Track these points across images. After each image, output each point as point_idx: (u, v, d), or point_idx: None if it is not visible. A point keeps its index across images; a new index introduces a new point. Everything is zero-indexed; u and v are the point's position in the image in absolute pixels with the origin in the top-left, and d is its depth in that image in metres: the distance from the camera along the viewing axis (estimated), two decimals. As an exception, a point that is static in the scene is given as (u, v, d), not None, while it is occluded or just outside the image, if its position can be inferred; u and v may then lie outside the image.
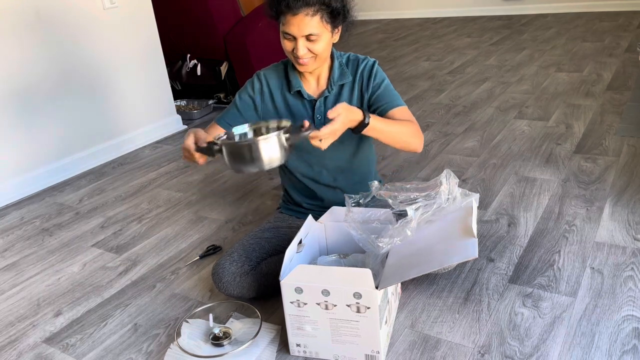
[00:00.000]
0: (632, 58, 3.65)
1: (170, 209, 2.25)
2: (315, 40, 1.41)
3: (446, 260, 1.23)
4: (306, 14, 1.37)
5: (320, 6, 1.38)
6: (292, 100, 1.58)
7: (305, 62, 1.45)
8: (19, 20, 2.44)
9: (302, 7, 1.36)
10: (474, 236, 1.26)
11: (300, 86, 1.55)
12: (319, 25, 1.40)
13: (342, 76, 1.55)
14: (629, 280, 1.51)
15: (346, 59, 1.58)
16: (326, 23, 1.41)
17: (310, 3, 1.37)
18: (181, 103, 3.61)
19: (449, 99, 3.26)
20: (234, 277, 1.50)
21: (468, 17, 5.95)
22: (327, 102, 1.56)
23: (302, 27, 1.38)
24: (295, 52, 1.42)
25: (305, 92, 1.56)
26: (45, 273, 1.86)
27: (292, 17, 1.38)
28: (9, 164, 2.48)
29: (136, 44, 2.96)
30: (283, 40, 1.44)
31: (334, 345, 1.31)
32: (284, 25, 1.41)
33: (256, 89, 1.59)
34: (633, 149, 2.31)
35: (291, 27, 1.39)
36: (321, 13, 1.39)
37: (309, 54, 1.43)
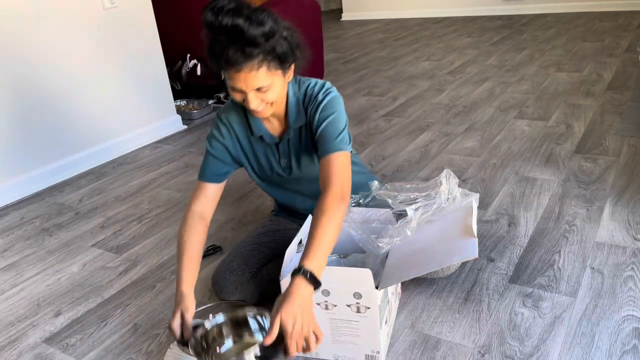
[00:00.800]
0: (632, 58, 3.65)
1: (171, 209, 2.25)
2: (267, 90, 1.25)
3: (446, 260, 1.23)
4: (250, 69, 1.19)
5: (264, 56, 1.20)
6: (257, 145, 1.47)
7: (260, 111, 1.30)
8: (19, 20, 2.44)
9: (244, 62, 1.18)
10: (474, 236, 1.26)
11: (261, 130, 1.42)
12: (267, 76, 1.22)
13: (299, 118, 1.40)
14: (629, 280, 1.51)
15: (303, 94, 1.40)
16: (275, 70, 1.24)
17: (253, 56, 1.18)
18: (181, 103, 3.61)
19: (449, 98, 3.26)
20: (235, 287, 1.49)
21: (468, 17, 5.95)
22: (291, 145, 1.45)
23: (249, 83, 1.22)
24: (247, 105, 1.27)
25: (268, 135, 1.43)
26: (45, 273, 1.86)
27: (237, 74, 1.20)
28: (9, 164, 2.48)
29: (136, 43, 2.96)
30: (232, 93, 1.26)
31: (334, 345, 1.31)
32: (230, 80, 1.23)
33: (224, 134, 1.44)
34: (633, 149, 2.30)
35: (238, 83, 1.22)
36: (267, 63, 1.21)
37: (262, 103, 1.28)
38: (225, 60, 1.19)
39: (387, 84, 3.72)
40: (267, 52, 1.20)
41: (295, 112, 1.40)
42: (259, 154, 1.49)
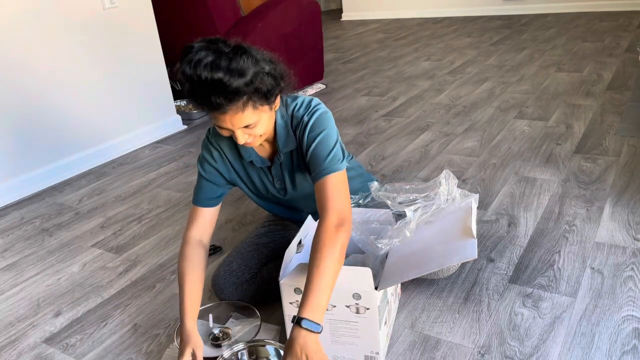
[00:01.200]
0: (632, 58, 3.65)
1: (170, 208, 2.25)
2: (254, 126, 1.21)
3: (446, 260, 1.23)
4: (235, 111, 1.15)
5: (248, 98, 1.15)
6: (251, 170, 1.45)
7: (250, 143, 1.26)
8: (19, 20, 2.44)
9: (228, 106, 1.13)
10: (474, 237, 1.26)
11: (252, 156, 1.39)
12: (254, 114, 1.18)
13: (288, 142, 1.35)
14: (629, 281, 1.51)
15: (290, 116, 1.35)
16: (261, 106, 1.19)
17: (237, 100, 1.13)
18: (181, 103, 3.61)
19: (449, 98, 3.26)
20: (235, 288, 1.49)
21: (468, 17, 5.95)
22: (283, 167, 1.43)
23: (236, 123, 1.17)
24: (236, 140, 1.22)
25: (259, 160, 1.40)
26: (45, 273, 1.86)
27: (222, 115, 1.16)
28: (9, 164, 2.48)
29: (136, 43, 2.95)
30: (217, 129, 1.22)
31: (333, 346, 1.31)
32: (215, 120, 1.18)
33: (216, 157, 1.40)
34: (633, 149, 2.30)
35: (224, 123, 1.18)
36: (252, 102, 1.16)
37: (250, 137, 1.24)
38: (208, 106, 1.14)
39: (387, 84, 3.72)
40: (251, 93, 1.15)
41: (284, 135, 1.35)
42: (253, 176, 1.46)
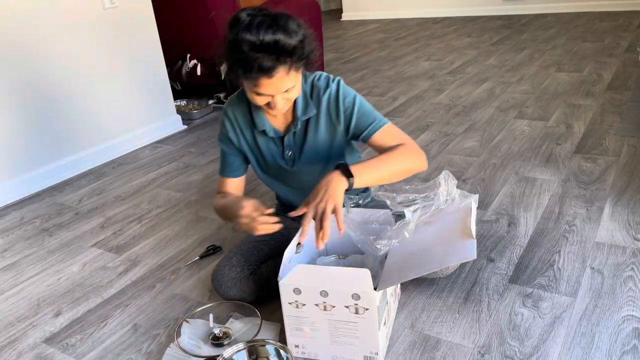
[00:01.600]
0: (632, 58, 3.65)
1: (170, 209, 2.25)
2: (291, 90, 1.31)
3: (445, 261, 1.23)
4: (283, 73, 1.25)
5: (293, 61, 1.25)
6: (261, 139, 1.51)
7: (281, 110, 1.35)
8: (18, 20, 2.44)
9: (277, 69, 1.23)
10: (473, 237, 1.26)
11: (265, 125, 1.46)
12: (294, 77, 1.29)
13: (307, 110, 1.44)
14: (629, 281, 1.51)
15: (310, 86, 1.45)
16: (299, 70, 1.30)
17: (285, 62, 1.24)
18: (181, 103, 3.61)
19: (449, 98, 3.26)
20: (234, 283, 1.50)
21: (468, 17, 5.95)
22: (296, 137, 1.49)
23: (280, 86, 1.27)
24: (273, 107, 1.32)
25: (272, 130, 1.47)
26: (45, 273, 1.86)
27: (268, 80, 1.25)
28: (9, 164, 2.48)
29: (136, 43, 2.95)
30: (254, 97, 1.31)
31: (332, 347, 1.31)
32: (257, 87, 1.27)
33: (229, 129, 1.51)
34: (633, 149, 2.30)
35: (267, 88, 1.27)
36: (295, 65, 1.27)
37: (285, 102, 1.34)
38: (258, 69, 1.22)
39: (387, 84, 3.72)
40: (298, 56, 1.26)
41: (303, 104, 1.44)
42: (262, 147, 1.53)
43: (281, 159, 1.53)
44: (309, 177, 1.56)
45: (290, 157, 1.52)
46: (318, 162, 1.53)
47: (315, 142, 1.49)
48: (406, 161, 1.35)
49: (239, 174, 1.58)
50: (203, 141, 3.02)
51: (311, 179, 1.56)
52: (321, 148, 1.50)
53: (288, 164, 1.53)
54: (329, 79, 1.45)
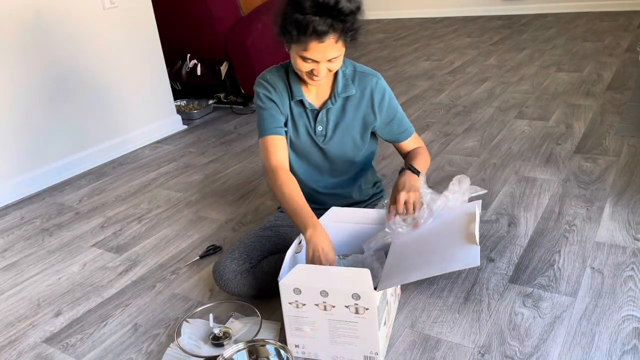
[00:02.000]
0: (633, 58, 3.65)
1: (170, 208, 2.25)
2: (335, 60, 1.40)
3: (447, 266, 1.23)
4: (332, 40, 1.34)
5: (343, 30, 1.35)
6: (296, 110, 1.55)
7: (320, 79, 1.43)
8: (19, 20, 2.44)
9: (329, 34, 1.32)
10: (476, 243, 1.26)
11: (302, 95, 1.52)
12: (341, 47, 1.38)
13: (346, 88, 1.53)
14: (629, 280, 1.51)
15: (351, 70, 1.55)
16: (345, 43, 1.39)
17: (337, 29, 1.33)
18: (181, 103, 3.61)
19: (449, 98, 3.26)
20: (234, 275, 1.50)
21: (468, 17, 5.94)
22: (330, 113, 1.55)
23: (327, 53, 1.36)
24: (316, 73, 1.40)
25: (307, 102, 1.53)
26: (45, 273, 1.86)
27: (318, 44, 1.33)
28: (9, 164, 2.48)
29: (136, 43, 2.95)
30: (299, 62, 1.39)
31: (332, 346, 1.31)
32: (306, 51, 1.35)
33: (272, 91, 1.53)
34: (633, 149, 2.30)
35: (315, 53, 1.35)
36: (344, 36, 1.36)
37: (326, 72, 1.42)
38: (313, 32, 1.30)
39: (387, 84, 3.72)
40: (349, 26, 1.35)
41: (343, 82, 1.53)
42: (296, 118, 1.56)
43: (313, 133, 1.57)
44: (332, 160, 1.61)
45: (321, 132, 1.56)
46: (347, 143, 1.58)
47: (352, 122, 1.56)
48: (428, 162, 1.63)
49: (281, 131, 1.53)
50: (203, 141, 3.02)
51: (334, 163, 1.62)
52: (354, 129, 1.57)
53: (319, 138, 1.57)
54: (374, 72, 1.57)
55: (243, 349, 1.29)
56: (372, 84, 1.55)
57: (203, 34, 3.36)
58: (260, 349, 1.30)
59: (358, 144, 1.60)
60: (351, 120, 1.56)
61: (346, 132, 1.56)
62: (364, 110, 1.56)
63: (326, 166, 1.63)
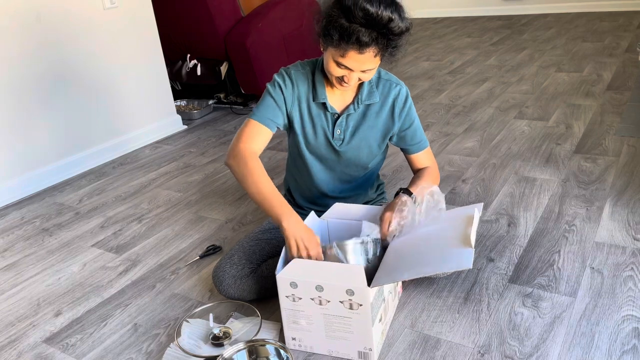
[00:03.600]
0: (632, 58, 3.65)
1: (170, 209, 2.25)
2: (369, 72, 1.39)
3: (440, 267, 1.24)
4: (371, 53, 1.32)
5: (384, 46, 1.33)
6: (315, 110, 1.53)
7: (350, 87, 1.42)
8: (19, 20, 2.44)
9: (370, 47, 1.30)
10: (471, 246, 1.26)
11: (326, 98, 1.50)
12: (377, 61, 1.37)
13: (370, 96, 1.52)
14: (628, 280, 1.51)
15: (376, 77, 1.54)
16: (383, 57, 1.38)
17: (379, 43, 1.31)
18: (181, 103, 3.61)
19: (449, 98, 3.26)
20: (234, 280, 1.50)
21: (468, 17, 5.95)
22: (350, 119, 1.53)
23: (363, 64, 1.34)
24: (347, 81, 1.39)
25: (330, 105, 1.51)
26: (45, 273, 1.86)
27: (357, 54, 1.32)
28: (9, 164, 2.48)
29: (136, 44, 2.96)
30: (332, 66, 1.37)
31: (328, 341, 1.32)
32: (343, 58, 1.33)
33: (288, 86, 1.50)
34: (633, 149, 2.31)
35: (352, 62, 1.34)
36: (382, 51, 1.35)
37: (357, 81, 1.41)
38: (355, 41, 1.28)
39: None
40: (392, 43, 1.34)
41: (368, 89, 1.52)
42: (315, 118, 1.54)
43: (330, 136, 1.55)
44: (346, 165, 1.60)
45: (339, 136, 1.55)
46: (363, 149, 1.57)
47: (371, 129, 1.55)
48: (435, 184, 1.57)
49: (273, 127, 1.50)
50: (203, 141, 3.02)
51: (347, 167, 1.61)
52: (372, 137, 1.56)
53: (336, 142, 1.56)
54: (398, 82, 1.56)
55: (243, 349, 1.29)
56: (395, 92, 1.54)
57: (203, 34, 3.36)
58: (260, 349, 1.30)
59: (374, 151, 1.59)
60: (371, 128, 1.55)
61: (364, 138, 1.55)
62: (385, 118, 1.55)
63: (339, 169, 1.61)
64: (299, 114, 1.54)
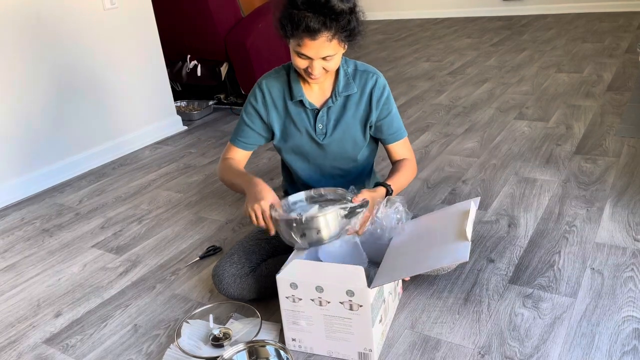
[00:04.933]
0: (632, 59, 3.65)
1: (171, 209, 2.25)
2: (331, 59, 1.40)
3: (437, 262, 1.24)
4: (326, 38, 1.34)
5: (338, 29, 1.35)
6: (294, 109, 1.56)
7: (317, 77, 1.44)
8: (20, 21, 2.44)
9: (321, 32, 1.33)
10: (467, 240, 1.26)
11: (302, 95, 1.53)
12: (336, 46, 1.38)
13: (347, 87, 1.54)
14: (629, 281, 1.51)
15: (352, 68, 1.56)
16: (341, 42, 1.39)
17: (331, 28, 1.33)
18: (181, 104, 3.61)
19: (449, 99, 3.26)
20: (234, 279, 1.50)
21: (468, 17, 5.95)
22: (331, 112, 1.56)
23: (321, 51, 1.36)
24: (310, 70, 1.41)
25: (307, 101, 1.54)
26: (45, 274, 1.86)
27: (311, 42, 1.34)
28: (9, 165, 2.48)
29: (136, 44, 2.96)
30: (295, 58, 1.41)
31: (328, 342, 1.32)
32: (300, 47, 1.37)
33: (259, 100, 1.56)
34: (633, 150, 2.31)
35: (308, 50, 1.36)
36: (339, 35, 1.36)
37: (323, 71, 1.43)
38: (305, 29, 1.32)
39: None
40: (342, 26, 1.35)
41: (345, 81, 1.53)
42: (295, 117, 1.57)
43: (312, 131, 1.57)
44: (332, 159, 1.61)
45: (321, 130, 1.56)
46: (348, 141, 1.58)
47: (352, 120, 1.56)
48: (410, 178, 1.62)
49: (249, 148, 1.62)
50: (203, 142, 3.02)
51: (334, 161, 1.62)
52: (354, 127, 1.57)
53: (319, 137, 1.57)
54: (374, 70, 1.57)
55: (243, 350, 1.29)
56: (372, 82, 1.55)
57: (203, 35, 3.36)
58: (260, 350, 1.30)
59: (359, 142, 1.60)
60: (351, 118, 1.56)
61: (346, 130, 1.57)
62: (364, 107, 1.56)
63: (327, 165, 1.63)
64: (277, 118, 1.58)
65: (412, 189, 2.18)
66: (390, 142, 1.62)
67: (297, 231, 1.31)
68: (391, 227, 1.45)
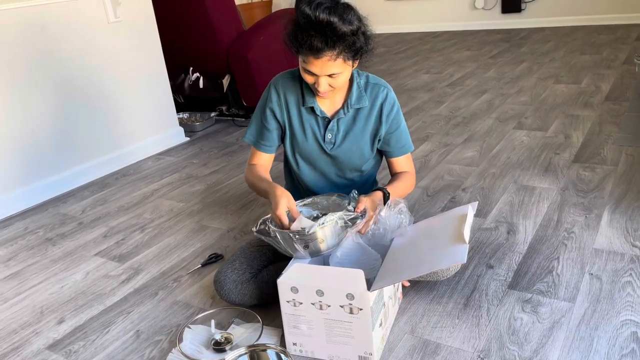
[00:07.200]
0: (630, 70, 3.69)
1: (173, 218, 2.27)
2: (337, 77, 1.41)
3: (435, 264, 1.26)
4: (329, 58, 1.35)
5: (343, 49, 1.36)
6: (306, 115, 1.58)
7: (324, 93, 1.45)
8: (25, 34, 2.48)
9: (325, 51, 1.34)
10: (465, 242, 1.28)
11: (314, 103, 1.55)
12: (342, 65, 1.39)
13: (359, 100, 1.56)
14: (627, 286, 1.52)
15: (364, 81, 1.57)
16: (348, 61, 1.40)
17: (334, 47, 1.34)
18: (184, 115, 3.65)
19: (449, 110, 3.29)
20: (235, 285, 1.52)
21: (467, 30, 6.00)
22: (341, 123, 1.58)
23: (325, 69, 1.38)
24: (317, 87, 1.43)
25: (319, 109, 1.55)
26: (48, 281, 1.88)
27: (315, 60, 1.36)
28: (13, 175, 2.50)
29: (140, 57, 3.00)
30: (303, 74, 1.43)
31: (329, 345, 1.33)
32: (306, 64, 1.39)
33: (274, 100, 1.58)
34: (631, 158, 2.32)
35: (313, 67, 1.38)
36: (344, 54, 1.37)
37: (329, 87, 1.44)
38: (309, 47, 1.34)
39: (388, 96, 3.75)
40: (347, 46, 1.36)
41: (357, 94, 1.56)
42: (305, 123, 1.59)
43: (321, 139, 1.59)
44: (338, 168, 1.63)
45: (330, 140, 1.59)
46: (355, 152, 1.60)
47: (361, 132, 1.58)
48: (409, 189, 1.66)
49: (272, 150, 1.65)
50: (205, 153, 3.04)
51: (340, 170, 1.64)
52: (363, 140, 1.59)
53: (327, 145, 1.59)
54: (386, 84, 1.60)
55: (244, 354, 1.30)
56: (383, 95, 1.57)
57: (205, 48, 3.40)
58: (261, 354, 1.31)
59: (366, 154, 1.62)
60: (361, 131, 1.58)
61: (355, 141, 1.59)
62: (374, 121, 1.58)
63: (333, 173, 1.65)
64: (288, 119, 1.60)
65: (412, 196, 2.20)
66: (396, 156, 1.64)
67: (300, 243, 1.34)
68: (394, 228, 1.47)
